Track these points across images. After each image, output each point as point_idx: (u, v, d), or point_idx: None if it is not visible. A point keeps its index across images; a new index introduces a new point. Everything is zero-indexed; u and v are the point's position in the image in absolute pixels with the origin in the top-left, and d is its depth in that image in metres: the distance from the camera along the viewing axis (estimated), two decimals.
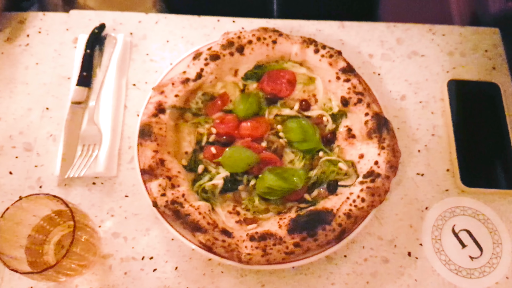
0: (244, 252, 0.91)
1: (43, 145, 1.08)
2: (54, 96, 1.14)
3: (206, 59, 1.09)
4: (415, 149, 1.11)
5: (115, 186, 1.05)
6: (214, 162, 1.02)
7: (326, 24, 1.24)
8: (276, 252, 0.91)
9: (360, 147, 1.03)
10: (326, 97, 1.10)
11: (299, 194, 1.00)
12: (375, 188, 0.96)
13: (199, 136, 1.06)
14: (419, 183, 1.07)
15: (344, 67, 1.09)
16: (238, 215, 0.98)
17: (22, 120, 1.11)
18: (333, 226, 0.93)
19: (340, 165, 1.02)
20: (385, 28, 1.25)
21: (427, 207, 1.05)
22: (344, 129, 1.06)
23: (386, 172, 0.98)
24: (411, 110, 1.15)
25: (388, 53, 1.22)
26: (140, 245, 0.99)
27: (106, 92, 1.12)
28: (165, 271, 0.97)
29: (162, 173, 0.97)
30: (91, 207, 1.03)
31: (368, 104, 1.05)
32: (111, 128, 1.08)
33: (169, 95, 1.04)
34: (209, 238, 0.91)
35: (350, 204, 0.95)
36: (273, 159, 1.02)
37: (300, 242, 0.91)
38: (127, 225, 1.01)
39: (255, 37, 1.10)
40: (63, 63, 1.18)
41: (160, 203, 0.94)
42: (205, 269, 0.98)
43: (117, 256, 0.98)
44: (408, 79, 1.19)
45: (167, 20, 1.24)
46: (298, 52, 1.11)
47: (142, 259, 0.98)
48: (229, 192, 1.01)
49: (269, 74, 1.11)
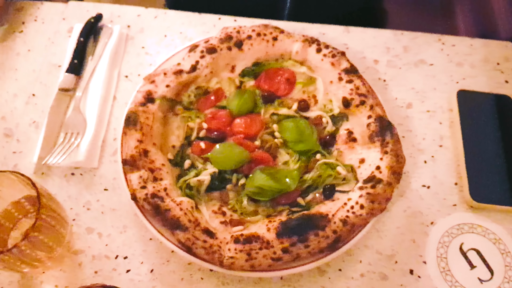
0: (227, 255, 0.82)
1: (25, 131, 1.02)
2: (42, 83, 1.09)
3: (202, 52, 1.03)
4: (421, 159, 1.03)
5: (95, 178, 0.98)
6: (202, 158, 0.95)
7: (330, 28, 1.20)
8: (262, 257, 0.82)
9: (361, 151, 0.96)
10: (326, 98, 1.03)
11: (291, 197, 0.92)
12: (375, 195, 0.88)
13: (189, 130, 0.99)
14: (424, 195, 0.99)
15: (347, 67, 1.03)
16: (223, 215, 0.90)
17: (5, 105, 1.06)
18: (327, 232, 0.84)
19: (339, 169, 0.94)
20: (391, 35, 1.20)
21: (432, 221, 0.96)
22: (345, 132, 0.99)
23: (388, 178, 0.90)
24: (417, 119, 1.08)
25: (394, 60, 1.16)
26: (115, 243, 0.91)
27: (95, 82, 1.07)
28: (139, 273, 0.88)
29: (144, 165, 0.90)
30: (67, 199, 0.95)
31: (371, 106, 0.98)
32: (96, 118, 1.02)
33: (159, 85, 0.99)
34: (189, 237, 0.83)
35: (347, 211, 0.87)
36: (265, 159, 0.95)
37: (289, 248, 0.83)
38: (103, 221, 0.93)
39: (255, 32, 1.05)
40: (55, 52, 1.13)
41: (139, 195, 0.86)
42: (184, 274, 0.89)
43: (89, 253, 0.90)
44: (414, 87, 1.12)
45: (166, 16, 1.20)
46: (299, 50, 1.05)
47: (115, 258, 0.90)
48: (215, 191, 0.93)
49: (267, 72, 1.05)
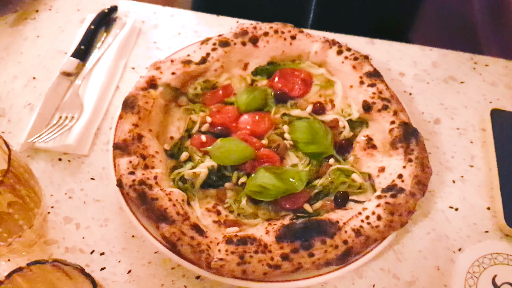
0: (216, 257, 0.70)
1: (18, 112, 0.96)
2: (45, 67, 1.03)
3: (214, 44, 0.97)
4: (449, 178, 0.91)
5: (83, 166, 0.89)
6: (201, 151, 0.85)
7: (354, 38, 1.12)
8: (257, 262, 0.69)
9: (381, 159, 0.85)
10: (345, 103, 0.94)
11: (297, 203, 0.80)
12: (396, 205, 0.76)
13: (191, 123, 0.90)
14: (452, 218, 0.85)
15: (370, 71, 0.94)
16: (218, 214, 0.79)
17: (3, 86, 1.00)
18: (336, 241, 0.71)
19: (354, 177, 0.82)
20: (419, 50, 1.12)
21: (460, 248, 0.82)
22: (363, 139, 0.88)
23: (411, 188, 0.78)
24: (446, 136, 0.97)
25: (422, 74, 1.07)
26: (93, 237, 0.80)
27: (100, 69, 1.01)
28: (114, 272, 0.77)
29: (137, 150, 0.81)
30: (49, 184, 0.86)
31: (395, 112, 0.88)
32: (94, 104, 0.94)
33: (165, 72, 0.91)
34: (175, 231, 0.72)
35: (361, 220, 0.74)
36: (271, 158, 0.85)
37: (290, 254, 0.70)
38: (83, 211, 0.83)
39: (272, 29, 0.99)
40: (64, 39, 1.09)
41: (126, 181, 0.77)
42: (165, 280, 0.76)
43: (62, 244, 0.79)
44: (443, 103, 1.02)
45: (182, 15, 1.16)
46: (319, 50, 0.97)
47: (91, 253, 0.79)
48: (212, 188, 0.82)
49: (282, 71, 0.97)
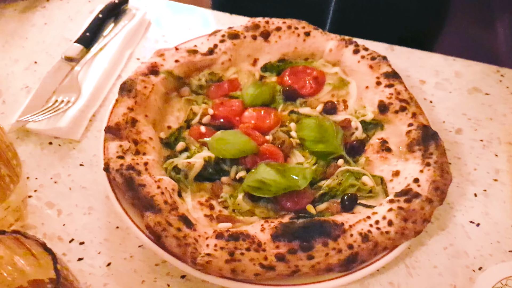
0: (203, 252, 0.63)
1: (14, 94, 0.92)
2: (48, 53, 1.00)
3: (223, 36, 0.92)
4: (470, 191, 0.82)
5: (73, 152, 0.83)
6: (199, 142, 0.79)
7: (373, 44, 1.06)
8: (249, 261, 0.61)
9: (396, 163, 0.77)
10: (359, 104, 0.87)
11: (300, 203, 0.72)
12: (409, 211, 0.67)
13: (191, 114, 0.84)
14: (472, 234, 0.76)
15: (388, 72, 0.87)
16: (211, 209, 0.71)
17: (3, 68, 0.97)
18: (340, 245, 0.63)
19: (365, 179, 0.75)
20: (441, 59, 1.05)
21: (481, 267, 0.72)
22: (377, 142, 0.81)
23: (428, 194, 0.69)
24: (468, 147, 0.89)
25: (444, 83, 1.00)
26: (74, 225, 0.74)
27: (103, 57, 0.97)
28: (92, 264, 0.69)
29: (129, 135, 0.75)
30: (35, 168, 0.80)
31: (414, 114, 0.81)
32: (93, 90, 0.90)
33: (168, 59, 0.86)
34: (161, 221, 0.64)
35: (370, 225, 0.66)
36: (275, 154, 0.78)
37: (286, 255, 0.62)
38: (68, 198, 0.77)
39: (285, 24, 0.93)
40: (72, 28, 1.06)
41: (113, 165, 0.70)
42: (147, 276, 0.69)
43: (40, 230, 0.73)
44: (466, 113, 0.95)
45: (195, 11, 1.13)
46: (334, 48, 0.91)
47: (69, 242, 0.72)
48: (207, 182, 0.75)
49: (293, 68, 0.92)
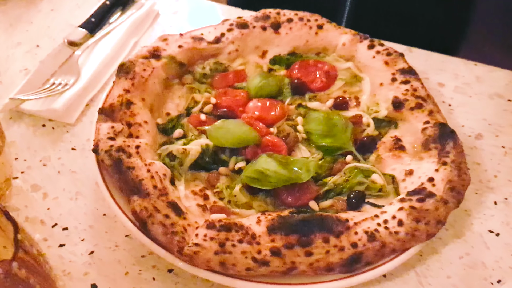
0: (191, 242, 0.57)
1: (12, 76, 0.89)
2: (51, 37, 0.97)
3: (231, 25, 0.88)
4: (490, 199, 0.75)
5: (66, 135, 0.79)
6: (198, 130, 0.74)
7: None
8: (240, 253, 0.56)
9: (410, 163, 0.71)
10: (372, 100, 0.81)
11: (302, 198, 0.66)
12: (422, 211, 0.61)
13: (192, 102, 0.80)
14: (491, 244, 0.69)
15: (405, 68, 0.82)
16: (205, 199, 0.66)
17: (4, 50, 0.95)
18: (343, 242, 0.57)
19: (374, 178, 0.69)
20: (462, 64, 1.00)
21: (500, 280, 0.65)
22: (390, 140, 0.75)
23: (444, 194, 0.63)
24: (489, 153, 0.82)
25: (464, 87, 0.95)
26: (59, 209, 0.69)
27: (106, 42, 0.94)
28: (74, 252, 0.64)
29: (123, 117, 0.70)
30: (25, 149, 0.76)
31: (431, 112, 0.75)
32: (92, 75, 0.86)
33: (171, 44, 0.83)
34: (148, 206, 0.59)
35: (378, 224, 0.60)
36: (278, 146, 0.72)
37: (282, 250, 0.56)
38: (55, 181, 0.72)
39: (297, 16, 0.89)
40: (78, 15, 1.03)
41: (102, 146, 0.66)
42: (131, 268, 0.63)
43: (23, 213, 0.68)
44: (487, 118, 0.88)
45: (205, 4, 1.10)
46: (348, 43, 0.87)
47: (52, 227, 0.67)
48: (204, 171, 0.70)
49: (304, 61, 0.87)
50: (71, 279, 0.61)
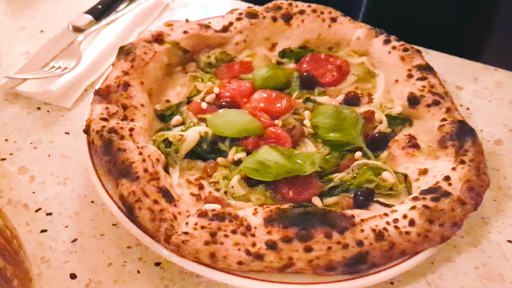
0: (180, 230, 0.52)
1: (12, 58, 0.87)
2: (56, 24, 0.95)
3: (240, 14, 0.84)
4: (510, 207, 0.69)
5: (60, 119, 0.76)
6: (198, 118, 0.70)
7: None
8: (232, 245, 0.50)
9: (425, 162, 0.65)
10: (387, 97, 0.76)
11: (304, 193, 0.61)
12: (437, 211, 0.55)
13: (195, 91, 0.76)
14: (510, 255, 0.63)
15: (422, 64, 0.77)
16: (200, 189, 0.61)
17: (7, 35, 0.93)
18: (347, 239, 0.52)
19: (385, 176, 0.63)
20: (482, 68, 0.95)
21: None
22: (404, 138, 0.70)
23: (461, 194, 0.57)
24: (509, 159, 0.76)
25: (483, 91, 0.89)
26: (45, 193, 0.65)
27: (111, 30, 0.91)
28: (55, 238, 0.60)
29: (119, 99, 0.67)
30: (16, 131, 0.73)
31: (448, 109, 0.70)
32: (94, 60, 0.84)
33: (176, 29, 0.79)
34: (136, 190, 0.55)
35: (387, 222, 0.54)
36: (282, 138, 0.67)
37: (279, 243, 0.51)
38: (44, 165, 0.69)
39: (310, 8, 0.85)
40: (86, 3, 1.01)
41: (94, 127, 0.62)
42: (115, 259, 0.58)
43: (6, 195, 0.64)
44: (507, 124, 0.83)
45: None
46: (362, 37, 0.82)
47: (36, 211, 0.63)
48: (201, 161, 0.65)
49: (314, 55, 0.82)
50: (49, 267, 0.57)
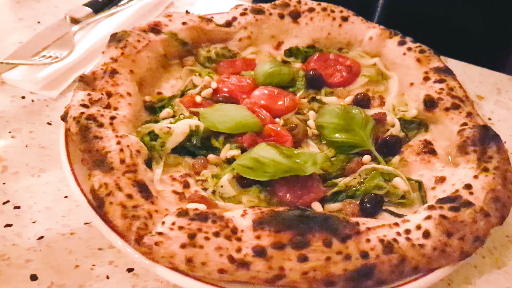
0: (154, 230, 0.45)
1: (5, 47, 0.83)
2: (55, 16, 0.91)
3: (245, 9, 0.79)
4: None
5: (45, 109, 0.70)
6: (190, 111, 0.63)
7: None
8: (214, 249, 0.43)
9: (442, 169, 0.58)
10: (400, 100, 0.69)
11: (304, 196, 0.54)
12: (456, 222, 0.47)
13: (191, 86, 0.70)
14: None
15: (440, 67, 0.70)
16: (184, 187, 0.54)
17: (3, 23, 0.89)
18: (350, 248, 0.44)
19: (397, 182, 0.55)
20: (505, 78, 0.89)
21: None
22: (419, 143, 0.62)
23: (485, 205, 0.49)
24: None
25: (507, 102, 0.83)
26: (15, 185, 0.59)
27: (109, 23, 0.87)
28: (21, 234, 0.53)
29: (104, 86, 0.61)
30: None
31: (469, 114, 0.62)
32: (87, 51, 0.79)
33: (175, 20, 0.74)
34: (109, 182, 0.48)
35: (397, 233, 0.47)
36: (282, 136, 0.61)
37: (269, 250, 0.43)
38: (20, 155, 0.63)
39: (320, 6, 0.79)
40: None
41: (72, 113, 0.56)
42: (83, 260, 0.51)
43: None
44: None
45: None
46: (375, 37, 0.76)
47: (3, 204, 0.56)
48: (190, 157, 0.58)
49: (323, 54, 0.76)
50: (9, 265, 0.50)
